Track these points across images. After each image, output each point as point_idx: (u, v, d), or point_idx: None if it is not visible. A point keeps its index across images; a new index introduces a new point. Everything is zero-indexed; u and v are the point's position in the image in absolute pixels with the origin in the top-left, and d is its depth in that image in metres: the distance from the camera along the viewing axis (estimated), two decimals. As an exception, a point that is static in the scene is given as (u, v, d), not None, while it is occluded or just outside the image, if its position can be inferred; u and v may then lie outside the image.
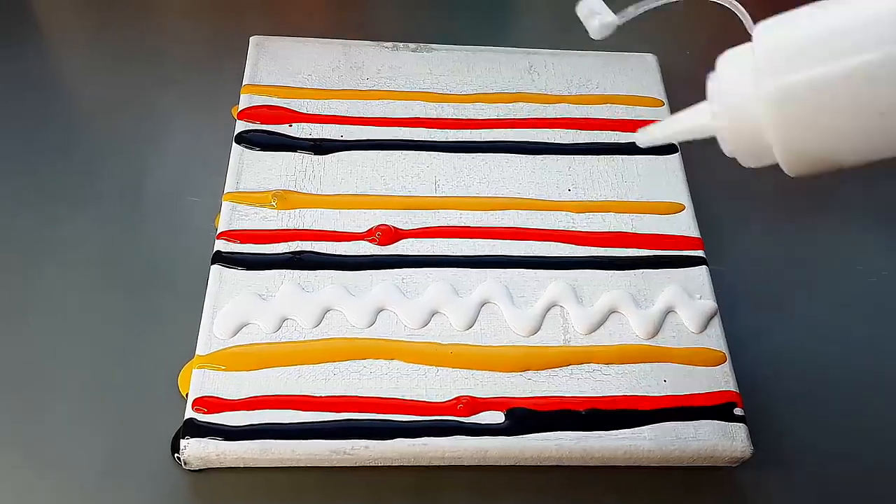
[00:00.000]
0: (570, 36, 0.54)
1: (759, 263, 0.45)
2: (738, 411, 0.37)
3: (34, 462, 0.35)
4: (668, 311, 0.40)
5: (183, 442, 0.34)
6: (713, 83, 0.29)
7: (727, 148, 0.30)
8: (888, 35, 0.24)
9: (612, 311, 0.40)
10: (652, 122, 0.48)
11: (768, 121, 0.27)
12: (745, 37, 0.28)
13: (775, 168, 0.51)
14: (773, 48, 0.28)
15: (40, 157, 0.45)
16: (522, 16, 0.55)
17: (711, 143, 0.52)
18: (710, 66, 0.28)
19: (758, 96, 0.27)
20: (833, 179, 0.49)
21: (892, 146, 0.26)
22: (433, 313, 0.38)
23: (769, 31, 0.29)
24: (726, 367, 0.38)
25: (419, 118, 0.46)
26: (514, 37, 0.47)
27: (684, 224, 0.43)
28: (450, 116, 0.46)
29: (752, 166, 0.30)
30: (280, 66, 0.47)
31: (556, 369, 0.37)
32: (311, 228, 0.41)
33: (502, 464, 0.36)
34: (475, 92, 0.47)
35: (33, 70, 0.49)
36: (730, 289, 0.42)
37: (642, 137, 0.33)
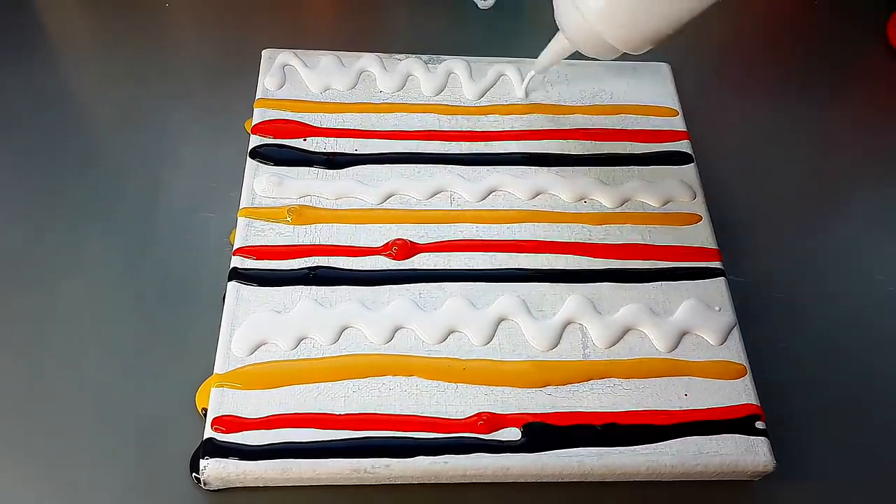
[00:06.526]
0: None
1: (778, 273, 0.45)
2: (759, 425, 0.37)
3: (53, 481, 0.35)
4: (688, 324, 0.39)
5: (202, 462, 0.34)
6: (557, 19, 0.40)
7: (588, 53, 0.40)
8: None
9: (631, 325, 0.39)
10: (668, 132, 0.48)
11: (598, 28, 0.37)
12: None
13: (791, 176, 0.51)
14: None
15: (54, 175, 0.45)
16: (534, 26, 0.55)
17: (726, 154, 0.51)
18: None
19: (583, 16, 0.38)
20: (849, 186, 0.49)
21: (680, 7, 0.35)
22: (451, 329, 0.38)
23: None
24: (747, 380, 0.38)
25: (433, 131, 0.46)
26: (527, 47, 0.47)
27: (701, 235, 0.43)
28: (464, 129, 0.46)
29: (610, 59, 0.40)
30: (293, 79, 0.47)
31: (577, 384, 0.37)
32: (327, 244, 0.41)
33: (524, 480, 0.36)
34: (489, 103, 0.47)
35: (45, 87, 0.48)
36: (748, 299, 0.42)
37: (537, 68, 0.45)
